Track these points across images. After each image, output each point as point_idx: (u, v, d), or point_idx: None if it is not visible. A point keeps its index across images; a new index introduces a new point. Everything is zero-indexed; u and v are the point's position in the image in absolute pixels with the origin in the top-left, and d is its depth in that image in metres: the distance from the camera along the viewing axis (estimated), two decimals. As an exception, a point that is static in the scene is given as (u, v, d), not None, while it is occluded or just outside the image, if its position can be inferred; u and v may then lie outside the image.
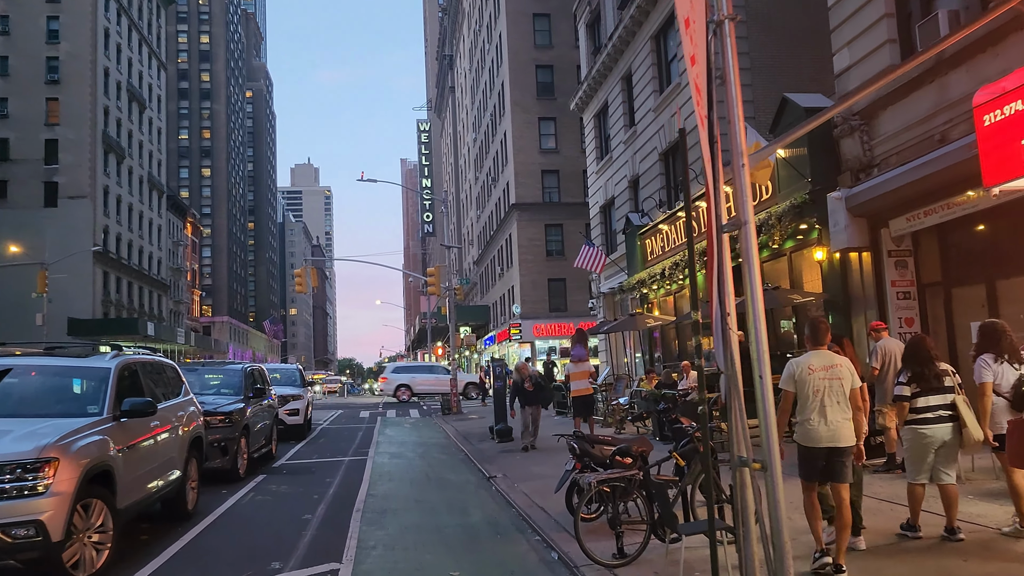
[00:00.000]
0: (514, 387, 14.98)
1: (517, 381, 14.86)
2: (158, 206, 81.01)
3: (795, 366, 6.19)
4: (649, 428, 15.60)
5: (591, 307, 31.24)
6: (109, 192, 64.83)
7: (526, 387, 14.64)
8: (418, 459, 15.33)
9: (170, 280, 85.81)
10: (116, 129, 67.41)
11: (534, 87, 48.91)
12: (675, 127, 21.38)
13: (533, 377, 14.92)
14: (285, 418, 18.24)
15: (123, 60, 70.53)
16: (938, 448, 6.67)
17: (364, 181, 30.64)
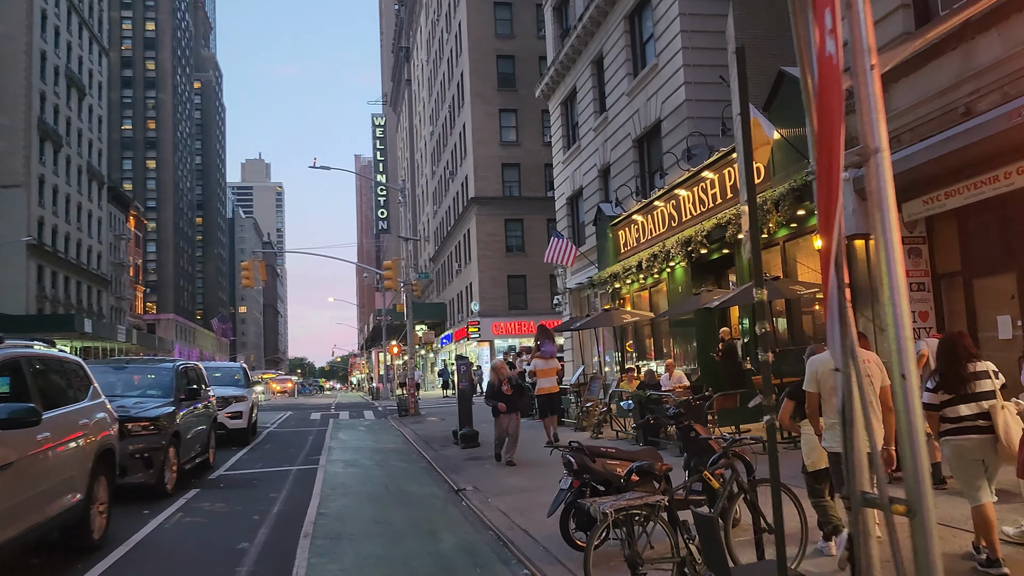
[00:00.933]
0: (488, 390, 12.84)
1: (493, 383, 12.70)
2: (98, 197, 77.56)
3: (818, 364, 5.62)
4: (630, 433, 14.27)
5: (556, 303, 29.90)
6: (45, 182, 61.54)
7: (503, 390, 12.47)
8: (375, 468, 13.76)
9: (111, 275, 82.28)
10: (53, 116, 64.07)
11: (495, 77, 47.43)
12: (651, 112, 20.14)
13: (512, 379, 12.71)
14: (226, 422, 16.51)
15: (61, 44, 67.12)
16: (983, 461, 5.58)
17: (317, 168, 28.85)
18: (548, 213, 46.64)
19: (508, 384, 12.51)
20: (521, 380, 13.15)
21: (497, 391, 12.55)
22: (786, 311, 13.97)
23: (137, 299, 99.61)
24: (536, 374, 15.91)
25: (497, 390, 12.55)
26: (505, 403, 12.45)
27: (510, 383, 12.55)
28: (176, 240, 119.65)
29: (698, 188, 16.51)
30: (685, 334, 18.01)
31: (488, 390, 12.84)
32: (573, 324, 19.72)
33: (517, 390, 12.76)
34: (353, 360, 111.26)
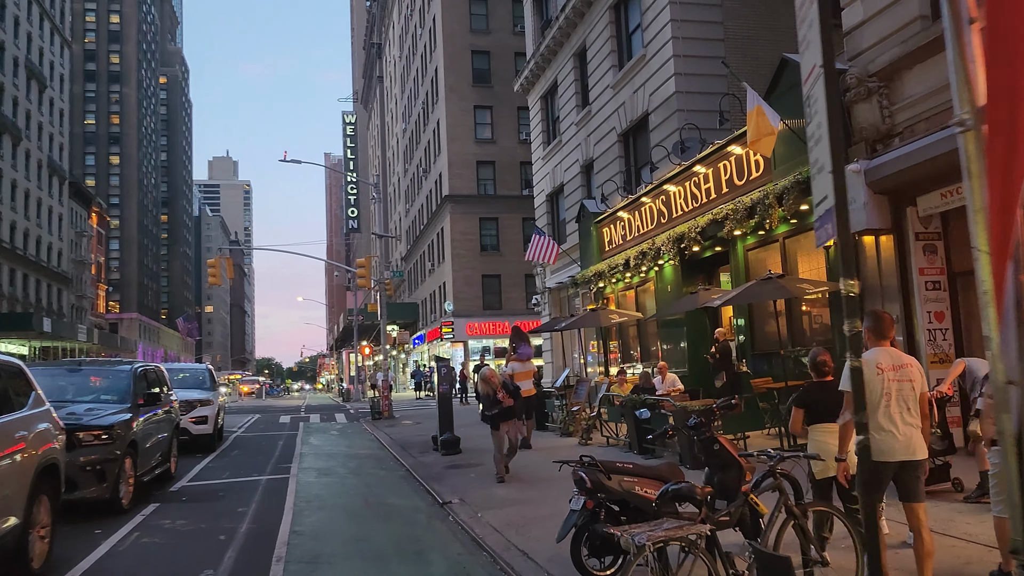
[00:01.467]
0: (484, 402, 11.61)
1: (487, 394, 11.36)
2: (59, 193, 75.34)
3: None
4: (622, 440, 13.52)
5: (534, 303, 29.13)
6: (3, 176, 59.49)
7: (500, 399, 11.09)
8: (351, 477, 12.85)
9: (72, 273, 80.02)
10: (12, 108, 62.00)
11: (470, 73, 46.56)
12: (637, 105, 19.44)
13: (507, 384, 11.46)
14: (190, 427, 15.49)
15: (21, 34, 65.00)
16: None
17: (287, 162, 27.77)
18: (524, 212, 45.93)
19: (504, 391, 11.22)
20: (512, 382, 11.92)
21: (494, 401, 11.19)
22: (785, 311, 13.31)
23: (99, 298, 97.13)
24: (513, 377, 15.52)
25: (493, 400, 11.19)
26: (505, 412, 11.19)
27: (505, 389, 11.26)
28: (140, 238, 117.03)
29: (690, 183, 15.82)
30: (675, 335, 17.33)
31: (484, 402, 11.54)
32: (556, 324, 18.95)
33: (514, 395, 11.50)
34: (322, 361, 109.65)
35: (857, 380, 4.09)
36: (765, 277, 11.15)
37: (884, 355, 5.18)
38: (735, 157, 14.07)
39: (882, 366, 5.12)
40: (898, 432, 5.06)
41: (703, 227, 14.58)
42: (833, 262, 11.77)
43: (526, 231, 46.09)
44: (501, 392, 11.16)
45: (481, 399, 11.97)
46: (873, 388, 5.04)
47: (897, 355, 5.28)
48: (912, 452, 5.07)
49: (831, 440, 5.75)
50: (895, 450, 5.03)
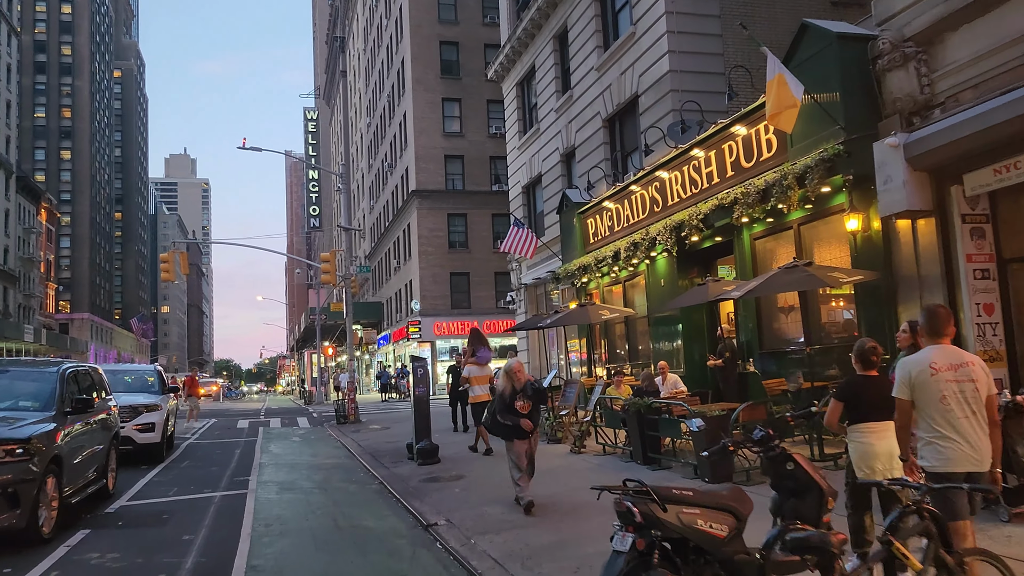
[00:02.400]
0: (499, 404, 8.85)
1: (504, 393, 8.81)
2: (5, 188, 72.09)
3: (912, 366, 4.79)
4: (620, 447, 12.19)
5: (509, 300, 27.75)
6: (-57, 167, 56.48)
7: (518, 407, 8.66)
8: (318, 492, 11.34)
9: (19, 271, 76.67)
10: (-46, 97, 58.97)
11: (438, 64, 45.04)
12: (625, 87, 18.16)
13: (529, 386, 8.82)
14: (135, 435, 13.83)
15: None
16: None
17: (246, 149, 26.03)
18: (494, 208, 44.55)
19: (523, 396, 8.69)
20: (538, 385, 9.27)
21: (509, 406, 8.70)
22: (800, 305, 12.10)
23: (49, 297, 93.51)
24: (471, 381, 14.53)
25: (510, 404, 8.70)
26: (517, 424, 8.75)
27: (525, 393, 8.73)
28: (93, 235, 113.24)
29: (688, 168, 14.57)
30: (668, 333, 16.07)
31: (498, 403, 8.82)
32: (538, 322, 17.57)
33: (537, 399, 8.92)
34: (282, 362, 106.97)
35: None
36: (790, 265, 9.91)
37: (940, 354, 4.76)
38: (742, 137, 12.84)
39: (937, 366, 4.70)
40: (962, 438, 4.59)
41: (706, 214, 13.32)
42: (859, 250, 10.58)
43: (496, 228, 44.73)
44: (520, 399, 8.69)
45: (495, 400, 9.12)
46: (927, 390, 4.65)
47: (956, 353, 4.83)
48: (982, 462, 4.59)
49: (875, 441, 5.31)
50: (962, 459, 4.55)
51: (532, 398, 8.82)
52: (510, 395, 8.79)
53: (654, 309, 16.47)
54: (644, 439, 10.88)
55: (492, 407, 9.21)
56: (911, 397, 4.75)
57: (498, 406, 8.86)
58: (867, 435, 5.35)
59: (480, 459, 13.44)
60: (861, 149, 10.22)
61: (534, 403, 8.85)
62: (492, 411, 9.12)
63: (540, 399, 9.04)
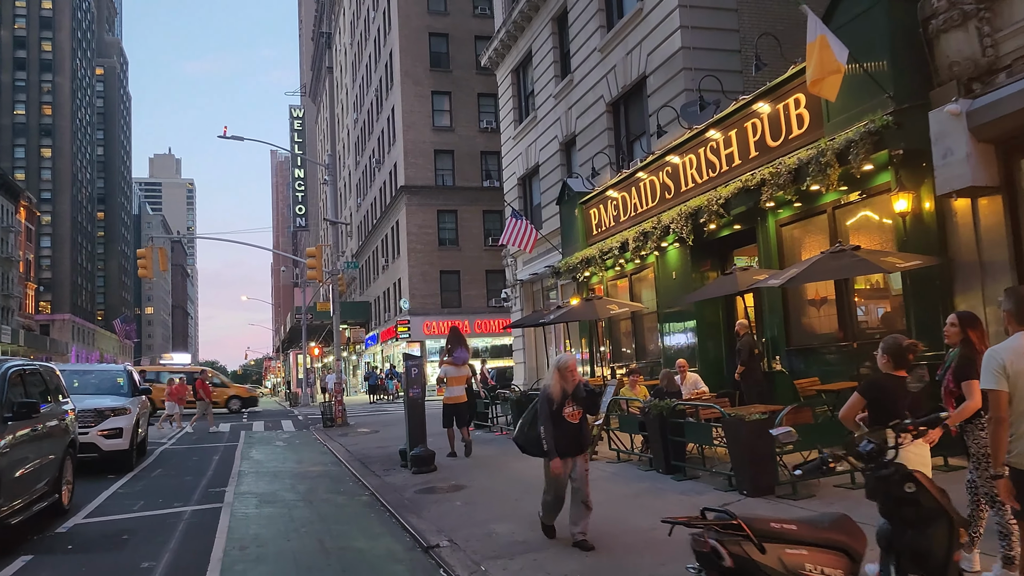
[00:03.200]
0: (542, 409, 6.67)
1: (552, 396, 6.63)
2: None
3: (1003, 355, 4.24)
4: (636, 454, 11.05)
5: (504, 298, 26.59)
6: (-85, 163, 54.77)
7: (566, 415, 6.62)
8: (302, 505, 10.12)
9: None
10: (-73, 90, 57.25)
11: (427, 57, 43.82)
12: (632, 67, 17.05)
13: (581, 389, 6.69)
14: (100, 442, 12.56)
15: (-61, 11, 60.21)
16: None
17: (227, 138, 24.73)
18: (485, 204, 43.36)
19: (575, 402, 6.66)
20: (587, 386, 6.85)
21: (556, 413, 6.61)
22: (835, 297, 10.99)
23: (28, 297, 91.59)
24: (446, 381, 13.60)
25: (557, 412, 6.61)
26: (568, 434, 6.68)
27: (577, 398, 6.66)
28: (74, 235, 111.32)
29: (705, 150, 13.46)
30: (680, 330, 14.95)
31: (541, 410, 6.66)
32: (540, 319, 16.40)
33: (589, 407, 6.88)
34: (268, 363, 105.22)
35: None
36: (836, 249, 8.80)
37: None
38: (768, 114, 11.74)
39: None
40: None
41: (727, 198, 12.21)
42: (909, 233, 9.48)
43: (487, 224, 43.57)
44: (569, 405, 6.66)
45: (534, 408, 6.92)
46: (1020, 383, 4.17)
47: None
48: None
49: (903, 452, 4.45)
50: None
51: (584, 405, 6.75)
52: (560, 400, 6.60)
53: (665, 304, 15.37)
54: (667, 445, 9.74)
55: (526, 417, 6.98)
56: (1007, 388, 4.17)
57: (540, 414, 6.66)
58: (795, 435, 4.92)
59: (481, 467, 12.27)
60: (912, 121, 9.14)
61: (585, 411, 6.82)
62: (527, 421, 6.94)
63: (593, 406, 7.01)
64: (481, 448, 14.61)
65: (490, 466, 12.24)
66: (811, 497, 7.82)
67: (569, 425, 6.67)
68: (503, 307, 41.71)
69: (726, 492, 8.46)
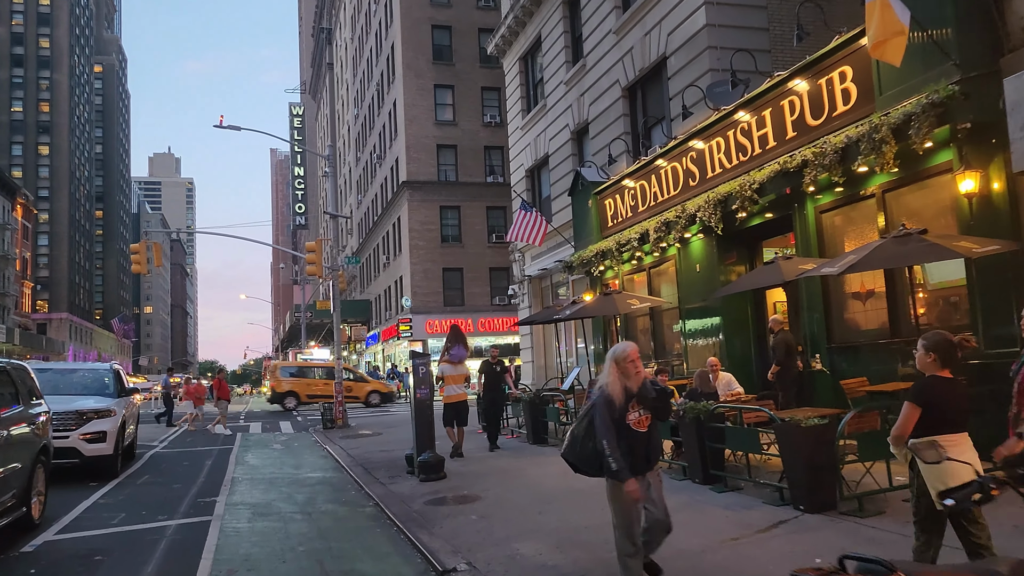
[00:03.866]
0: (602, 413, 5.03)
1: (613, 402, 5.04)
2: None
3: None
4: (667, 461, 10.08)
5: (511, 294, 25.62)
6: (-92, 158, 53.83)
7: (631, 421, 5.09)
8: (300, 519, 9.16)
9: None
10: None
11: (429, 49, 42.88)
12: (650, 49, 16.09)
13: (649, 388, 5.16)
14: (81, 446, 11.58)
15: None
16: None
17: (223, 127, 23.80)
18: (488, 200, 42.43)
19: (642, 405, 5.14)
20: (656, 384, 5.29)
21: (620, 420, 5.06)
22: (887, 289, 10.02)
23: (24, 296, 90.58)
24: (444, 379, 13.15)
25: (620, 418, 5.06)
26: (637, 448, 5.14)
27: (644, 399, 5.14)
28: (72, 233, 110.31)
29: (735, 132, 12.49)
30: (704, 327, 13.99)
31: (600, 416, 5.05)
32: (553, 315, 15.43)
33: (661, 411, 5.29)
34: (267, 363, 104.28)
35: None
36: (900, 233, 7.83)
37: None
38: (808, 91, 10.77)
39: None
40: None
41: (761, 183, 11.25)
42: (975, 216, 8.52)
43: (491, 221, 42.65)
44: (635, 410, 5.12)
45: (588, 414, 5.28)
46: None
47: None
48: None
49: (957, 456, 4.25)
50: None
51: (655, 408, 5.22)
52: (623, 402, 5.04)
53: (687, 299, 14.41)
54: (704, 452, 8.78)
55: (579, 427, 5.31)
56: None
57: (599, 422, 5.03)
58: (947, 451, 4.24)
59: (494, 474, 11.31)
60: (979, 91, 8.19)
61: (655, 417, 5.25)
62: (580, 432, 5.29)
63: (664, 410, 5.33)
64: (493, 453, 13.66)
65: (504, 473, 11.29)
66: (881, 514, 6.86)
67: (636, 435, 5.12)
68: (507, 305, 40.80)
69: (778, 507, 7.50)
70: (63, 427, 11.42)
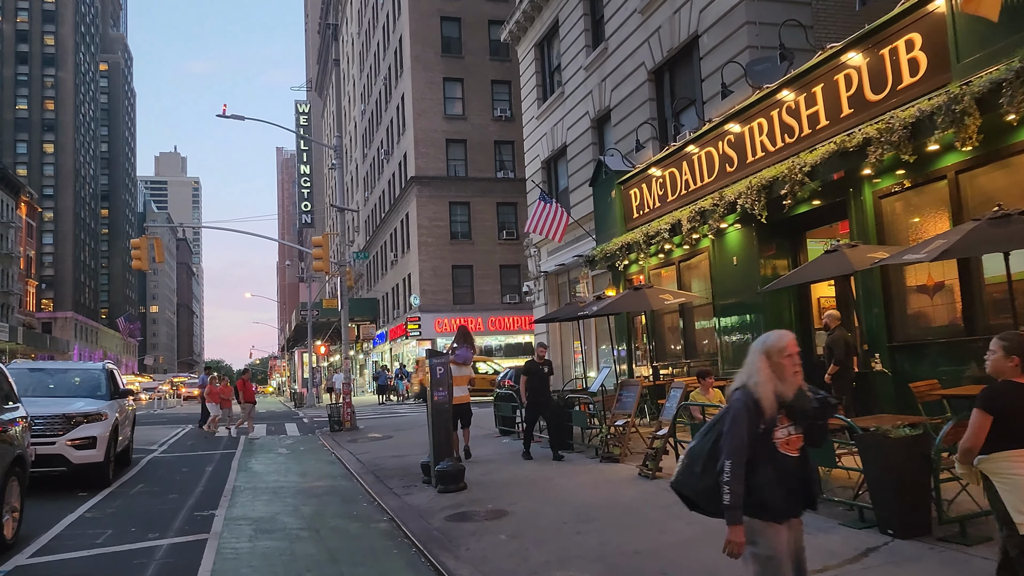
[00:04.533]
0: (736, 428, 3.53)
1: (763, 411, 3.53)
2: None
3: None
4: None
5: (526, 291, 24.63)
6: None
7: (777, 440, 3.58)
8: (307, 536, 8.17)
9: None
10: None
11: (438, 42, 41.91)
12: (680, 28, 15.07)
13: (820, 399, 3.66)
14: (68, 453, 10.62)
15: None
16: None
17: (227, 117, 22.89)
18: (499, 196, 41.44)
19: (793, 419, 3.60)
20: (817, 391, 3.71)
21: (766, 436, 3.56)
22: (960, 280, 8.97)
23: (29, 294, 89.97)
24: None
25: (766, 435, 3.56)
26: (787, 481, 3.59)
27: (793, 411, 3.59)
28: (77, 232, 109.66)
29: (779, 112, 11.47)
30: (739, 325, 12.98)
31: (733, 431, 3.53)
32: (577, 312, 14.40)
33: (815, 422, 3.70)
34: (273, 363, 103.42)
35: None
36: (997, 215, 6.80)
37: None
38: (868, 63, 9.75)
39: None
40: None
41: (814, 165, 10.22)
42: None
43: (501, 217, 41.64)
44: (784, 424, 3.60)
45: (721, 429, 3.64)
46: None
47: None
48: None
49: None
50: None
51: (812, 427, 3.73)
52: (772, 413, 3.57)
53: (722, 294, 13.40)
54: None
55: (700, 446, 3.76)
56: None
57: (730, 440, 3.55)
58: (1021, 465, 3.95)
59: (518, 484, 10.31)
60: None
61: (812, 435, 3.75)
62: (702, 454, 3.71)
63: (822, 431, 3.86)
64: (514, 460, 12.67)
65: (530, 484, 10.29)
66: (988, 541, 5.83)
67: (787, 460, 3.59)
68: (518, 303, 39.79)
69: (860, 530, 6.49)
70: (49, 432, 10.50)
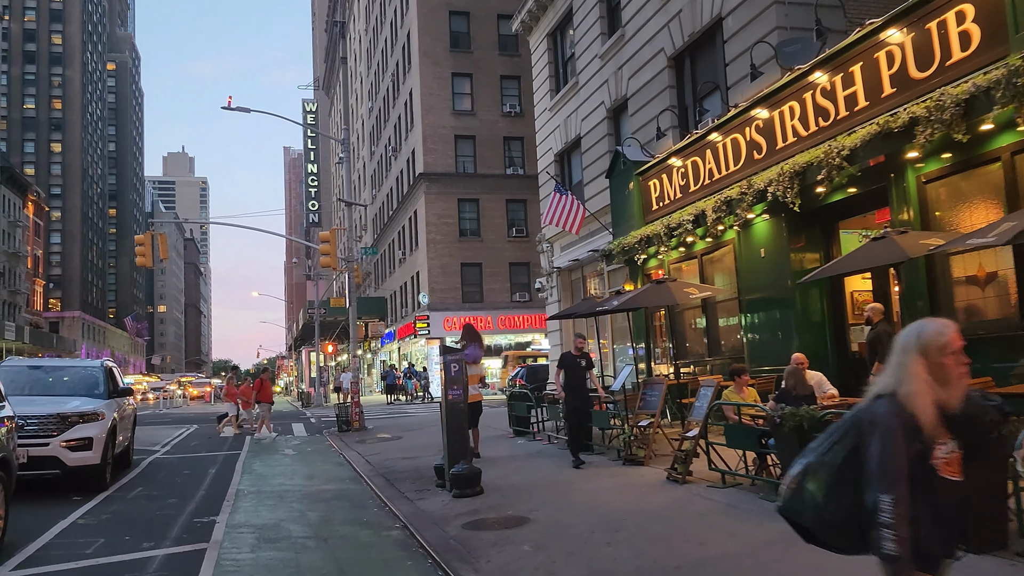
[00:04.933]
0: (885, 445, 2.57)
1: (918, 419, 2.59)
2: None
3: None
4: (751, 475, 8.46)
5: (538, 288, 24.03)
6: (-85, 153, 52.82)
7: (936, 461, 2.63)
8: (314, 546, 7.59)
9: (4, 266, 72.97)
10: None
11: (447, 36, 41.35)
12: (703, 10, 14.45)
13: (991, 407, 2.98)
14: (63, 454, 10.07)
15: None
16: None
17: (232, 109, 22.36)
18: (508, 193, 40.87)
19: (949, 436, 2.67)
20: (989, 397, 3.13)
21: (922, 458, 2.62)
22: (1016, 272, 8.33)
23: (36, 293, 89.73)
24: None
25: (922, 454, 2.62)
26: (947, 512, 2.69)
27: (957, 425, 2.66)
28: (85, 231, 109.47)
29: (813, 95, 10.83)
30: (766, 321, 12.35)
31: (880, 449, 2.60)
32: (596, 307, 13.77)
33: (980, 437, 2.94)
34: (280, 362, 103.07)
35: None
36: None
37: None
38: (914, 38, 9.10)
39: None
40: None
41: (853, 148, 9.57)
42: None
43: (510, 214, 41.09)
44: (947, 439, 2.66)
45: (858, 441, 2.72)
46: None
47: None
48: None
49: None
50: None
51: (976, 441, 2.89)
52: (931, 429, 2.62)
53: (749, 288, 12.77)
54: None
55: (823, 461, 2.80)
56: None
57: (880, 457, 2.60)
58: None
59: (539, 488, 9.71)
60: None
61: (978, 452, 2.90)
62: (829, 471, 2.77)
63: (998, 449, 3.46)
64: (531, 462, 12.09)
65: (551, 488, 9.68)
66: (1077, 557, 5.22)
67: (949, 487, 2.70)
68: (527, 301, 39.22)
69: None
70: (43, 433, 9.97)
